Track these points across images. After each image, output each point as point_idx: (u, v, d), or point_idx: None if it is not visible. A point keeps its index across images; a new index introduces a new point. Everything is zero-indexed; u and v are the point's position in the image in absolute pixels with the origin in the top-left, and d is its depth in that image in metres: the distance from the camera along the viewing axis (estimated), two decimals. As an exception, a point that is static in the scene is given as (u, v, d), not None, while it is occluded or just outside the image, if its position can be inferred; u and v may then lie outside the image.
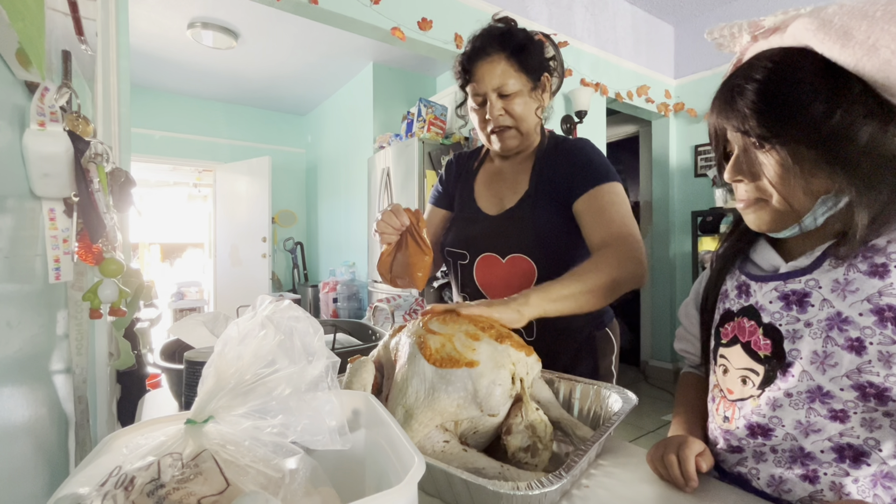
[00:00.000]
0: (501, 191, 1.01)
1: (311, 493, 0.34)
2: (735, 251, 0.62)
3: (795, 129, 0.47)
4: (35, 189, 0.61)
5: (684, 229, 3.55)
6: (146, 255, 6.31)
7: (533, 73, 0.92)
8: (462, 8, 2.50)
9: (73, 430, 0.81)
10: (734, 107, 0.51)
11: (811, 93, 0.46)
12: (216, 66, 3.89)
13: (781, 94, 0.48)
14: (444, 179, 1.12)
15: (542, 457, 0.55)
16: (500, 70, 0.89)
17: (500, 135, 0.94)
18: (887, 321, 0.45)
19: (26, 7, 0.50)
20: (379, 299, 2.90)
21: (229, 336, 0.38)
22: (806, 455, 0.50)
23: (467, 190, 1.06)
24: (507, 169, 1.02)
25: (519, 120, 0.92)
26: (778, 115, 0.48)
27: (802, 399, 0.50)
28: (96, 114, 1.19)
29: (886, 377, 0.45)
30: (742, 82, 0.50)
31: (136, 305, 1.05)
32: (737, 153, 0.53)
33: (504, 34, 0.91)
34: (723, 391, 0.58)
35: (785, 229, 0.52)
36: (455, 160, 1.13)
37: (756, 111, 0.48)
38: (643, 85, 3.35)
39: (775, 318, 0.52)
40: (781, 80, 0.48)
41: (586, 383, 0.70)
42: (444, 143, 3.08)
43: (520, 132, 0.94)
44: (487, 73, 0.90)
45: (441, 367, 0.58)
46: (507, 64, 0.90)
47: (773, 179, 0.50)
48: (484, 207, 1.01)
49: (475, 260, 0.98)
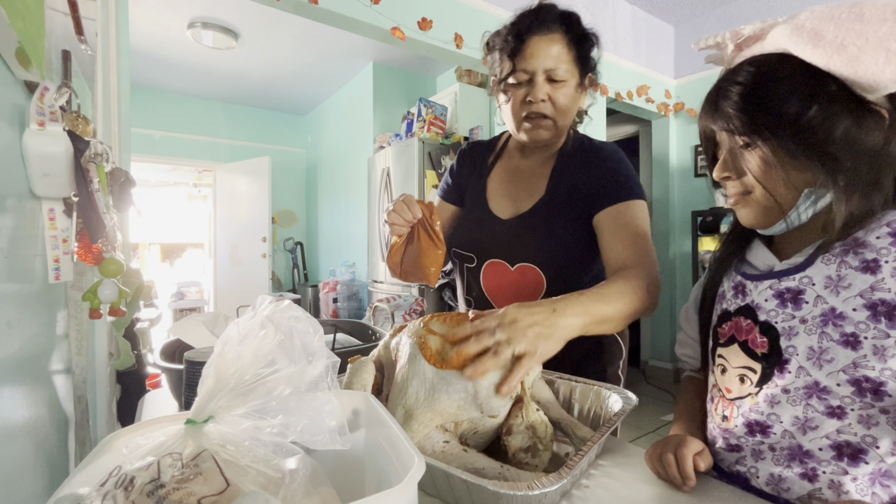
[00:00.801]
0: (516, 192, 0.94)
1: (311, 493, 0.34)
2: (731, 252, 0.63)
3: (775, 126, 0.50)
4: (35, 189, 0.61)
5: (684, 229, 3.56)
6: (146, 255, 6.31)
7: (585, 67, 0.85)
8: (462, 8, 2.50)
9: (73, 430, 0.81)
10: (719, 108, 0.54)
11: (789, 91, 0.49)
12: (216, 66, 3.89)
13: (762, 94, 0.51)
14: (456, 171, 1.03)
15: (542, 457, 0.55)
16: (557, 51, 0.81)
17: (534, 122, 0.85)
18: (880, 315, 0.46)
19: (26, 7, 0.50)
20: (379, 299, 2.90)
21: (229, 336, 0.38)
22: (805, 453, 0.51)
23: (480, 187, 0.98)
24: (524, 168, 0.95)
25: (560, 112, 0.84)
26: (759, 113, 0.51)
27: (800, 395, 0.50)
28: (96, 114, 1.19)
29: (882, 371, 0.46)
30: (727, 85, 0.54)
31: (136, 305, 1.05)
32: (724, 152, 0.56)
33: (568, 15, 0.83)
34: (721, 391, 0.59)
35: (773, 225, 0.54)
36: (469, 150, 1.04)
37: (739, 111, 0.52)
38: (643, 85, 3.35)
39: (771, 316, 0.53)
40: (762, 81, 0.51)
41: (586, 384, 0.70)
42: (444, 143, 3.08)
43: (556, 126, 0.86)
44: (543, 50, 0.80)
45: (441, 367, 0.58)
46: (566, 48, 0.81)
47: (757, 174, 0.53)
48: (496, 210, 0.94)
49: (483, 265, 0.93)
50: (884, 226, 0.48)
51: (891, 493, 0.47)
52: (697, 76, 3.45)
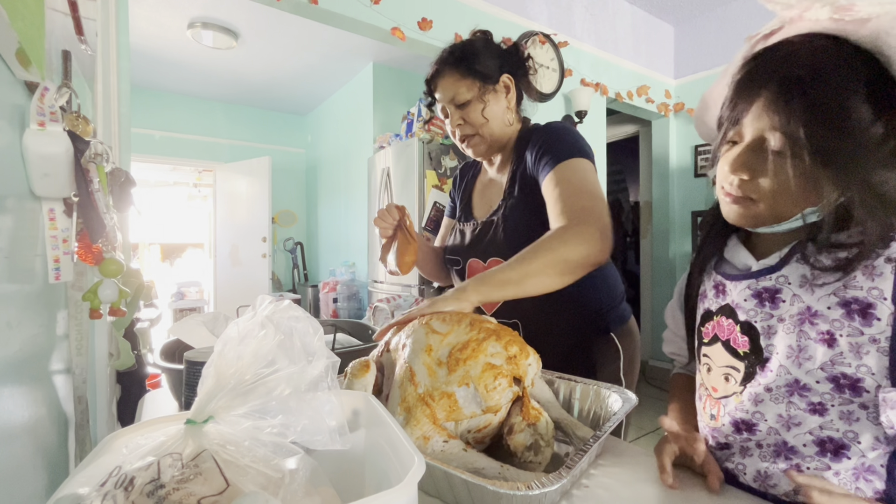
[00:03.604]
0: (490, 196, 1.05)
1: (311, 493, 0.34)
2: (710, 252, 0.63)
3: (837, 150, 0.45)
4: (35, 189, 0.61)
5: (684, 229, 3.56)
6: (146, 255, 6.31)
7: (485, 77, 0.92)
8: (462, 8, 2.50)
9: (73, 431, 0.81)
10: (786, 103, 0.46)
11: (866, 115, 0.44)
12: (216, 66, 3.89)
13: (835, 109, 0.45)
14: (454, 191, 1.17)
15: (544, 454, 0.56)
16: (450, 82, 0.93)
17: (467, 142, 0.97)
18: (854, 313, 0.46)
19: (26, 7, 0.50)
20: (379, 299, 2.90)
21: (229, 336, 0.38)
22: (789, 449, 0.51)
23: (465, 199, 1.11)
24: (493, 174, 1.06)
25: (478, 126, 0.94)
26: (829, 130, 0.45)
27: (782, 393, 0.51)
28: (96, 114, 1.19)
29: (858, 368, 0.46)
30: (799, 73, 0.46)
31: (136, 305, 1.05)
32: (748, 144, 0.50)
33: (452, 49, 0.95)
34: (708, 389, 0.60)
35: (758, 227, 0.54)
36: (459, 172, 1.18)
37: (808, 120, 0.45)
38: (643, 85, 3.35)
39: (750, 316, 0.54)
40: (836, 90, 0.45)
41: (586, 383, 0.70)
42: (444, 143, 3.08)
43: (483, 137, 0.96)
44: (440, 88, 0.95)
45: (441, 366, 0.58)
46: (456, 75, 0.92)
47: (777, 184, 0.49)
48: (477, 215, 1.06)
49: (465, 265, 1.02)
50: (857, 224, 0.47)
51: (873, 487, 0.48)
52: (697, 76, 3.45)
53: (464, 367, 0.58)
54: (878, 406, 0.46)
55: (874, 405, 0.46)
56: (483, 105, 0.93)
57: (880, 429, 0.47)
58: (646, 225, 3.82)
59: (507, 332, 0.63)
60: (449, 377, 0.57)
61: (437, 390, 0.57)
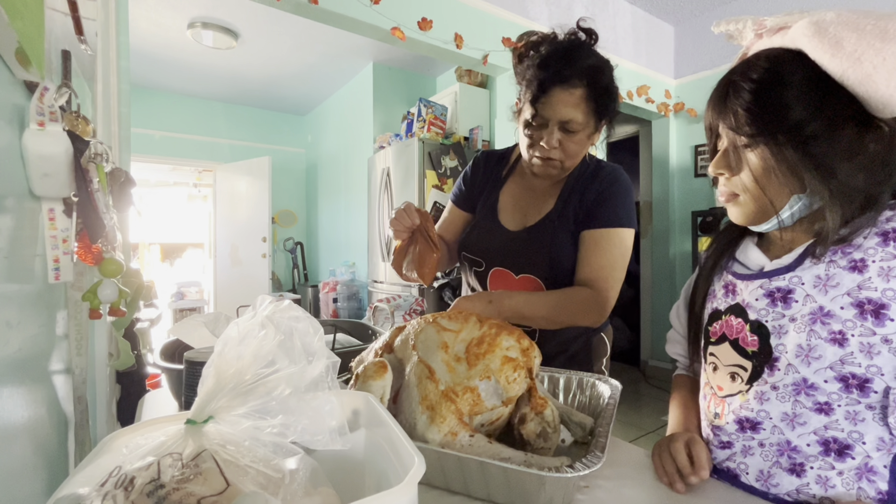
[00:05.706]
0: (526, 206, 0.99)
1: (311, 494, 0.34)
2: (721, 252, 0.64)
3: (778, 130, 0.49)
4: (35, 189, 0.61)
5: (684, 229, 3.55)
6: (146, 255, 6.31)
7: (601, 118, 0.88)
8: (462, 8, 2.50)
9: (73, 431, 0.81)
10: (727, 105, 0.53)
11: (797, 98, 0.49)
12: (216, 66, 3.89)
13: (771, 97, 0.50)
14: (469, 179, 1.08)
15: (552, 439, 0.58)
16: (574, 105, 0.83)
17: (544, 163, 0.90)
18: (867, 314, 0.47)
19: (26, 6, 0.49)
20: (379, 299, 2.90)
21: (229, 336, 0.38)
22: (793, 448, 0.51)
23: (492, 199, 1.03)
24: (536, 185, 0.99)
25: (569, 157, 0.89)
26: (765, 115, 0.50)
27: (788, 391, 0.51)
28: (96, 114, 1.18)
29: (868, 368, 0.47)
30: (738, 80, 0.53)
31: (136, 305, 1.05)
32: (724, 148, 0.56)
33: (594, 69, 0.85)
34: (713, 388, 0.60)
35: (763, 223, 0.55)
36: (483, 161, 1.08)
37: (746, 111, 0.51)
38: (643, 85, 3.35)
39: (761, 315, 0.54)
40: (773, 82, 0.50)
41: (568, 374, 0.75)
42: (444, 143, 3.08)
43: (563, 167, 0.91)
44: (560, 103, 0.83)
45: (459, 362, 0.59)
46: (585, 102, 0.84)
47: (753, 175, 0.53)
48: (505, 221, 0.99)
49: (489, 271, 0.99)
50: (868, 230, 0.49)
51: (876, 487, 0.48)
52: (697, 76, 3.45)
53: (483, 361, 0.59)
54: (885, 407, 0.46)
55: (881, 406, 0.47)
56: (588, 143, 0.90)
57: (885, 430, 0.47)
58: (646, 225, 3.81)
59: (512, 327, 0.65)
60: (469, 372, 0.58)
61: (459, 385, 0.57)
